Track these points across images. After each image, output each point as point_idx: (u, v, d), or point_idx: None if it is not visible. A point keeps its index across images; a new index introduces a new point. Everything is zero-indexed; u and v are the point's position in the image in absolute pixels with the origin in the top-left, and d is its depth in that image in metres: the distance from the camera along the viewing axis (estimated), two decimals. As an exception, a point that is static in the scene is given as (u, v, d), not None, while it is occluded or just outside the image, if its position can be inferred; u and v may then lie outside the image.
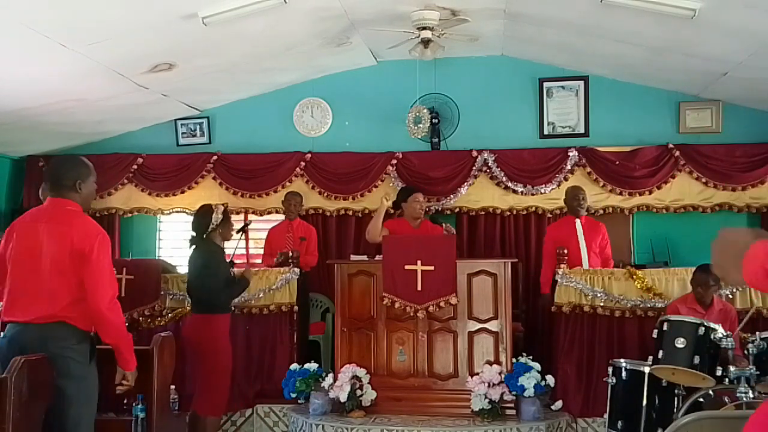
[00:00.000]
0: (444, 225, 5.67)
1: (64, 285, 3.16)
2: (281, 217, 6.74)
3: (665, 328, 4.05)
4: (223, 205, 5.05)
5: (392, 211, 6.20)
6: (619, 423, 4.24)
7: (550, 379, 4.88)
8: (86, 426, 3.21)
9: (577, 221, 5.73)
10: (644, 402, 4.15)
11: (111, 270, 3.33)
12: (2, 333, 3.29)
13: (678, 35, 5.08)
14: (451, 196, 6.53)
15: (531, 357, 5.00)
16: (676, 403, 4.09)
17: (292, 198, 6.37)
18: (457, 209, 6.59)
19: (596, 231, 5.77)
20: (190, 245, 4.80)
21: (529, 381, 4.77)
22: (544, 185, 6.46)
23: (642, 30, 5.16)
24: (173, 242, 7.21)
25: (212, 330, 4.56)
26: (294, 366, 5.19)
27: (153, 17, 4.62)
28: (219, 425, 4.90)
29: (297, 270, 5.52)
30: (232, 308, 5.40)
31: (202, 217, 4.73)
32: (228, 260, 5.42)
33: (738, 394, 3.59)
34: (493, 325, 5.07)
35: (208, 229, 4.68)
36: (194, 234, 4.77)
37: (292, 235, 6.21)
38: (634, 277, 5.13)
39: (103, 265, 3.23)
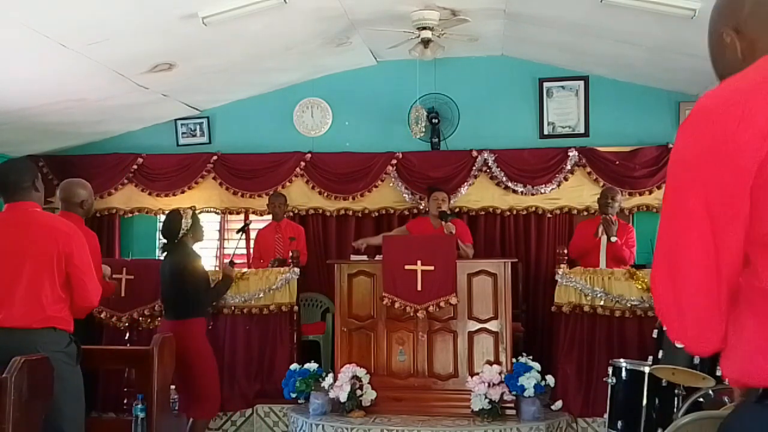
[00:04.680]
0: (444, 223, 5.66)
1: (49, 288, 3.16)
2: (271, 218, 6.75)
3: (665, 327, 4.04)
4: (191, 209, 5.03)
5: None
6: (619, 423, 4.23)
7: (550, 379, 4.88)
8: (77, 423, 3.25)
9: None
10: (644, 402, 4.14)
11: (89, 262, 3.37)
12: None
13: (678, 35, 5.08)
14: (451, 196, 6.52)
15: (531, 357, 5.00)
16: (676, 403, 4.08)
17: (275, 200, 6.39)
18: (457, 209, 6.58)
19: (623, 234, 5.70)
20: (163, 252, 4.78)
21: (529, 381, 4.77)
22: (544, 185, 6.46)
23: (642, 30, 5.16)
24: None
25: (192, 334, 4.49)
26: (294, 366, 5.19)
27: (153, 17, 4.62)
28: (207, 426, 4.94)
29: (297, 270, 5.52)
30: (232, 308, 5.42)
31: (171, 222, 4.64)
32: (228, 260, 5.43)
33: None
34: (493, 325, 5.07)
35: (179, 235, 4.60)
36: (166, 240, 4.70)
37: (281, 236, 6.23)
38: (634, 277, 5.13)
39: (84, 259, 3.30)
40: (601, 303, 5.15)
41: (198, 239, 4.79)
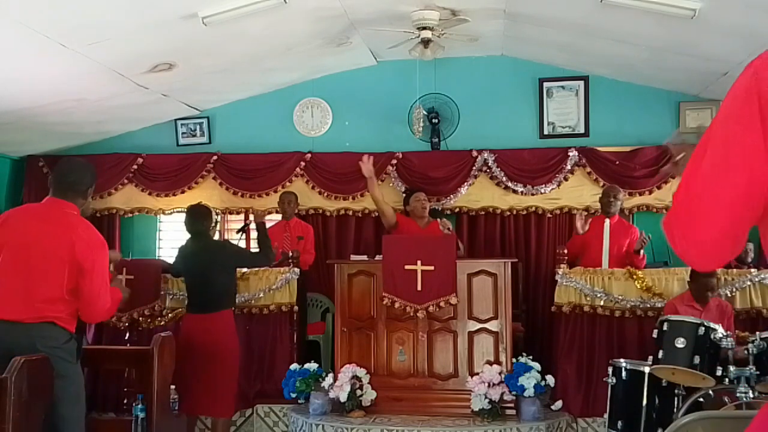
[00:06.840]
0: (440, 220, 5.64)
1: (56, 287, 3.15)
2: (281, 217, 6.74)
3: (665, 328, 4.05)
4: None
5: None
6: (619, 423, 4.23)
7: (550, 379, 4.88)
8: (76, 424, 3.21)
9: (606, 221, 5.67)
10: (644, 402, 4.15)
11: (106, 281, 3.31)
12: None
13: (678, 35, 5.08)
14: (451, 196, 6.53)
15: (531, 357, 5.00)
16: (676, 403, 4.09)
17: (286, 198, 6.36)
18: (457, 209, 6.58)
19: (625, 234, 5.66)
20: (194, 243, 4.71)
21: (529, 381, 4.77)
22: (544, 185, 6.46)
23: (642, 30, 5.16)
24: (173, 242, 7.20)
25: (225, 327, 4.53)
26: (294, 366, 5.19)
27: (153, 17, 4.62)
28: (230, 425, 4.89)
29: (297, 270, 5.52)
30: (232, 309, 5.41)
31: (202, 216, 4.71)
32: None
33: (738, 394, 3.59)
34: (493, 325, 5.07)
35: (209, 228, 4.69)
36: (191, 234, 4.71)
37: (289, 235, 6.21)
38: (634, 277, 5.13)
39: (101, 278, 3.24)
40: (601, 303, 5.15)
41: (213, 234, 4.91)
